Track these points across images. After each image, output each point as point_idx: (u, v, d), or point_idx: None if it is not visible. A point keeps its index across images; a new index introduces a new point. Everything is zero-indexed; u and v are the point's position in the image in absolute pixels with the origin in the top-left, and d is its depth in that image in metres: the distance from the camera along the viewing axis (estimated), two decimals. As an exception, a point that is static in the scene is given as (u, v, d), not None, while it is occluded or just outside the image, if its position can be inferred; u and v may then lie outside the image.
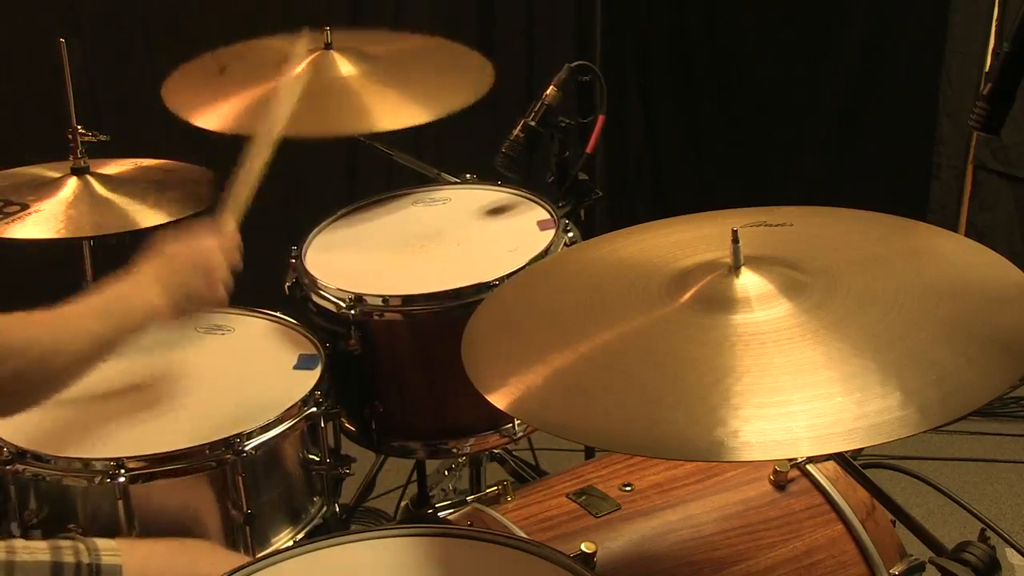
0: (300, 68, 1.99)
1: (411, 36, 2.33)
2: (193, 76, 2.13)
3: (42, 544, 1.24)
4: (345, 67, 2.09)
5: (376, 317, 1.80)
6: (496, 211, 2.05)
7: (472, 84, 2.06)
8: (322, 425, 1.69)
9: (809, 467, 1.51)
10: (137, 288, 1.51)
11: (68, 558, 1.21)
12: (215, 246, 1.59)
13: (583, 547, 1.30)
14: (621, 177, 3.66)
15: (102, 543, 1.25)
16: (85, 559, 1.22)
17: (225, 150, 1.99)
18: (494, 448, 2.00)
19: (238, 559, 1.39)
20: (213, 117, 1.98)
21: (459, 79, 2.10)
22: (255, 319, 1.87)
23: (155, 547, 1.37)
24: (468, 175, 2.18)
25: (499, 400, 1.21)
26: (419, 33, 2.34)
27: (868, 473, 1.37)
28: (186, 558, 1.32)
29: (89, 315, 1.46)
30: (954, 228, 3.38)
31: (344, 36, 2.15)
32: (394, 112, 2.03)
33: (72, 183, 1.97)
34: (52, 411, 1.63)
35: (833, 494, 1.48)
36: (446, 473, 2.37)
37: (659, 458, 1.50)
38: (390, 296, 1.79)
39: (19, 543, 1.27)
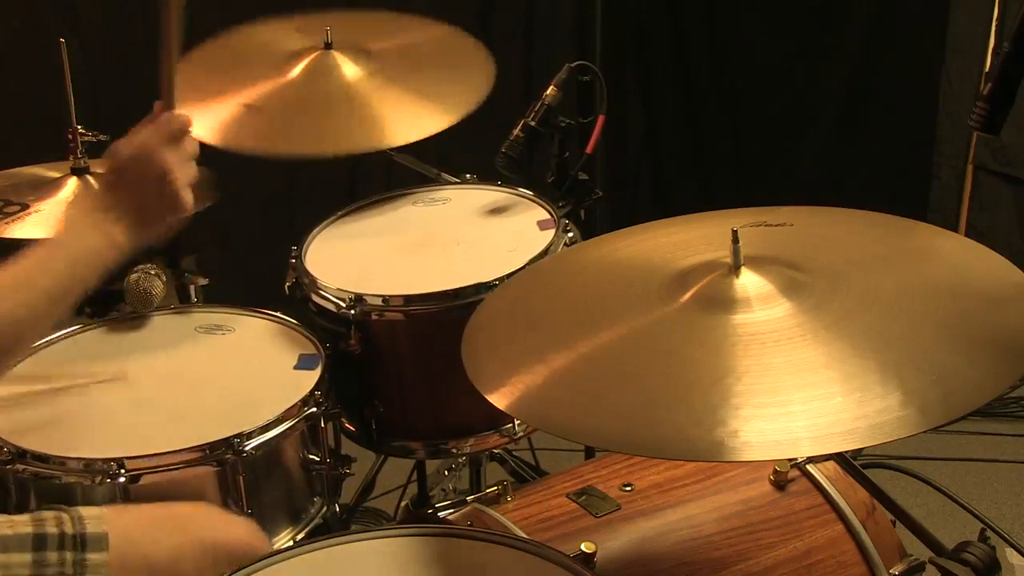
0: None
1: (409, 23, 2.28)
2: (192, 77, 2.11)
3: (24, 517, 1.21)
4: (349, 69, 2.05)
5: (376, 317, 1.80)
6: (496, 211, 2.05)
7: (476, 80, 2.04)
8: (322, 425, 1.69)
9: (809, 467, 1.51)
10: (86, 222, 1.40)
11: (51, 528, 1.18)
12: (162, 142, 1.42)
13: (583, 547, 1.30)
14: (621, 177, 3.66)
15: (86, 511, 1.22)
16: (69, 529, 1.19)
17: (225, 149, 1.99)
18: (494, 448, 2.00)
19: (232, 518, 1.36)
20: (205, 124, 1.95)
21: (464, 75, 2.07)
22: (255, 319, 1.87)
23: (142, 512, 1.33)
24: (468, 175, 2.18)
25: (499, 400, 1.21)
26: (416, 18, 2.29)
27: (868, 473, 1.37)
28: (175, 522, 1.29)
29: (38, 272, 1.36)
30: (954, 228, 3.38)
31: (342, 27, 2.11)
32: (410, 123, 1.99)
33: (72, 183, 1.97)
34: (52, 411, 1.64)
35: (833, 494, 1.48)
36: (446, 473, 2.37)
37: (659, 458, 1.50)
38: (390, 296, 1.79)
39: (1, 518, 1.25)
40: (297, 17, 2.20)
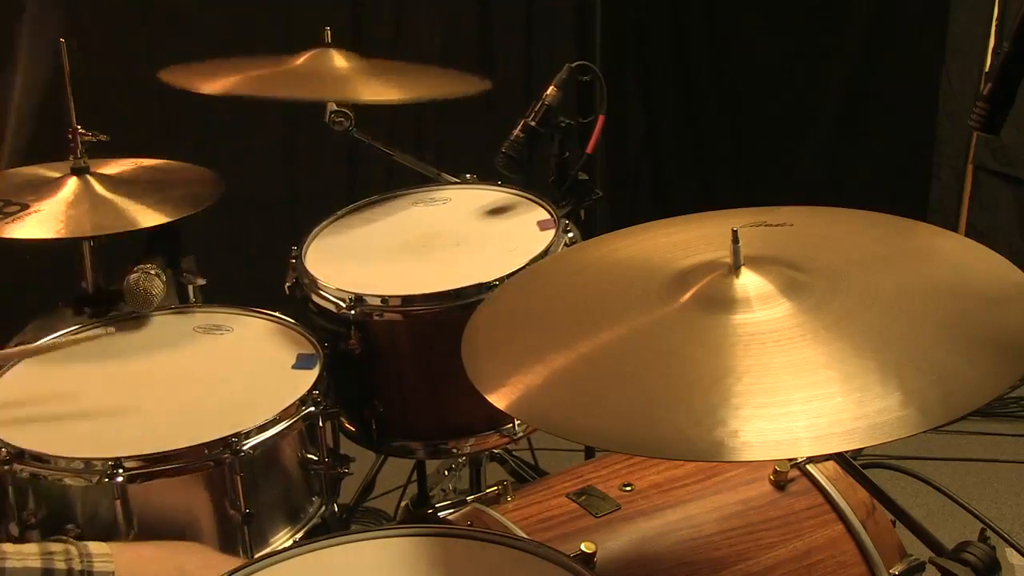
0: None
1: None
2: (193, 68, 2.14)
3: (33, 548, 1.22)
4: (342, 62, 2.13)
5: (376, 317, 1.79)
6: (496, 211, 2.05)
7: (463, 84, 2.07)
8: (320, 425, 1.69)
9: (809, 467, 1.51)
10: None
11: (59, 564, 1.20)
12: None
13: (583, 547, 1.30)
14: (621, 177, 3.66)
15: (94, 547, 1.23)
16: (77, 566, 1.20)
17: (225, 150, 2.00)
18: (494, 448, 2.00)
19: (229, 561, 1.38)
20: (214, 84, 2.00)
21: (453, 79, 2.11)
22: (254, 319, 1.87)
23: (144, 551, 1.36)
24: (468, 175, 2.18)
25: (499, 400, 1.21)
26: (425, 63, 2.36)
27: (868, 473, 1.37)
28: (175, 562, 1.31)
29: None
30: (954, 228, 3.38)
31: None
32: (375, 88, 2.07)
33: (72, 183, 1.97)
34: (52, 411, 1.63)
35: (833, 494, 1.48)
36: (446, 473, 2.37)
37: (659, 458, 1.50)
38: (390, 296, 1.79)
39: (9, 548, 1.25)
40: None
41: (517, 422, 1.85)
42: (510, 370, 1.24)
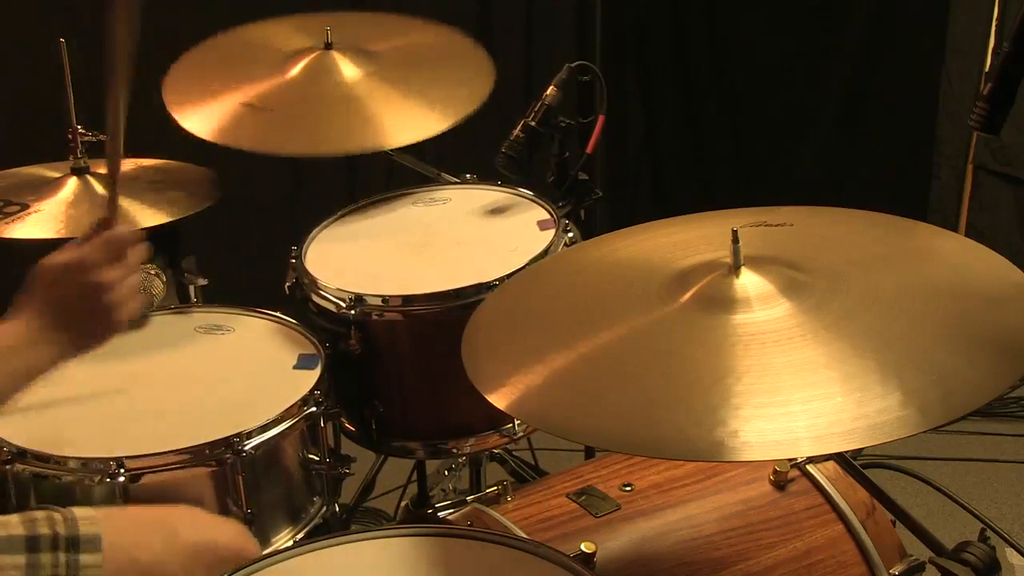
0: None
1: (411, 24, 2.30)
2: (193, 73, 2.13)
3: (15, 518, 1.20)
4: (348, 69, 2.07)
5: (376, 317, 1.80)
6: (496, 211, 2.05)
7: (476, 84, 2.05)
8: (322, 425, 1.69)
9: (809, 467, 1.51)
10: (19, 340, 1.35)
11: (44, 530, 1.18)
12: (99, 261, 1.39)
13: (583, 547, 1.30)
14: (621, 177, 3.66)
15: (79, 511, 1.21)
16: (62, 530, 1.18)
17: (225, 150, 2.00)
18: (494, 448, 2.00)
19: (221, 522, 1.37)
20: (205, 122, 1.98)
21: (463, 79, 2.09)
22: (255, 319, 1.87)
23: (133, 513, 1.34)
24: (468, 175, 2.18)
25: (499, 400, 1.21)
26: (418, 19, 2.31)
27: (868, 473, 1.37)
28: (164, 525, 1.29)
29: None
30: (954, 228, 3.38)
31: (343, 27, 2.14)
32: (405, 125, 2.01)
33: (72, 183, 1.97)
34: (52, 411, 1.63)
35: (833, 494, 1.48)
36: (446, 473, 2.37)
37: (659, 458, 1.50)
38: (390, 296, 1.79)
39: None
40: (297, 17, 2.20)
41: (517, 422, 1.85)
42: (510, 370, 1.25)
